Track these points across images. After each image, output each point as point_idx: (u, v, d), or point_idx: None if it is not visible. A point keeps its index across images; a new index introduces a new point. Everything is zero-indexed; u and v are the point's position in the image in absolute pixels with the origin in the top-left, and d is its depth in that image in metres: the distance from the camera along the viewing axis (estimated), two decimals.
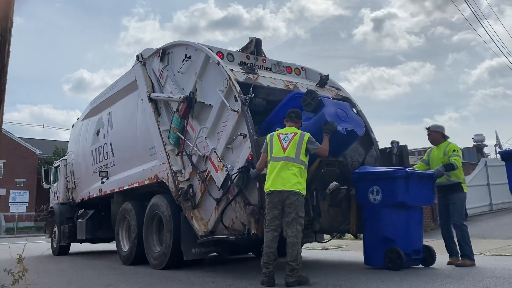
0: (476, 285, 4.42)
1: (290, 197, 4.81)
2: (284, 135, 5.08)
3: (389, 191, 5.54)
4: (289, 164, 4.91)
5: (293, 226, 4.77)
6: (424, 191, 5.81)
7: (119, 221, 8.27)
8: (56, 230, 11.29)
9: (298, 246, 4.75)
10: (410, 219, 5.70)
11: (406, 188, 5.51)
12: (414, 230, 5.76)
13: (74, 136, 11.41)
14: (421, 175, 5.86)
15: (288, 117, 5.27)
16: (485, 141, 28.64)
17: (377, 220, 5.60)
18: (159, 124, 7.16)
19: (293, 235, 4.74)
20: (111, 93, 9.05)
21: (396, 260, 5.43)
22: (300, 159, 4.95)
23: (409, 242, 5.62)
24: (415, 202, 5.70)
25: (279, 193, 4.84)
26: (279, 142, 5.04)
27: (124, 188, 8.19)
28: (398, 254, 5.42)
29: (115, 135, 8.74)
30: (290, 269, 4.69)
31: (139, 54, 8.06)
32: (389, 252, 5.48)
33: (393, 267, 5.41)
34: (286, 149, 4.96)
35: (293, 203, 4.80)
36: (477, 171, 15.85)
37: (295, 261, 4.69)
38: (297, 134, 5.05)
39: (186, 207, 6.34)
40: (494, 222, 13.07)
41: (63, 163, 11.78)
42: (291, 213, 4.80)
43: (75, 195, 10.86)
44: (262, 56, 7.33)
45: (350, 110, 5.88)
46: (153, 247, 7.08)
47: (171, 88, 7.05)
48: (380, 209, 5.57)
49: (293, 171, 4.89)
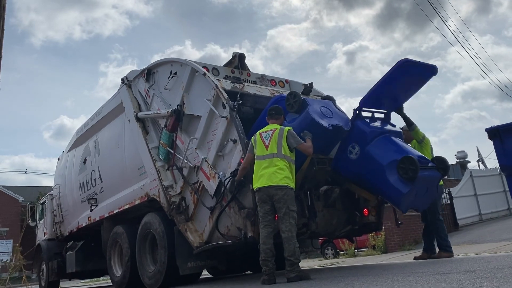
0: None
1: (278, 192, 4.85)
2: (265, 133, 5.17)
3: (355, 139, 5.51)
4: (274, 160, 4.98)
5: (286, 220, 4.78)
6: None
7: (110, 246, 8.07)
8: (44, 268, 10.93)
9: (294, 240, 4.74)
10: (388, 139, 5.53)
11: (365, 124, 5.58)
12: (402, 147, 5.54)
13: (60, 169, 11.26)
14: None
15: (269, 115, 5.37)
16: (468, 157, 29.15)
17: (373, 157, 5.33)
18: (148, 142, 7.16)
19: (287, 229, 4.75)
20: (98, 119, 9.04)
21: (409, 167, 5.02)
22: (283, 153, 5.00)
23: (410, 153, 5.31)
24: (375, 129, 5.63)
25: (266, 189, 4.89)
26: (261, 140, 5.13)
27: (114, 212, 8.05)
28: (411, 160, 5.04)
29: (103, 161, 8.67)
30: (289, 264, 4.66)
31: (124, 77, 8.15)
32: (401, 163, 5.08)
33: (406, 177, 5.00)
34: (268, 146, 5.04)
35: (282, 197, 4.83)
36: (463, 182, 16.08)
37: (293, 255, 4.67)
38: (277, 130, 5.12)
39: (179, 220, 6.26)
40: (485, 230, 13.15)
41: (50, 198, 11.55)
42: (281, 208, 4.83)
43: (63, 229, 10.60)
44: (246, 70, 7.48)
45: (333, 107, 5.95)
46: (147, 267, 6.91)
47: (158, 106, 7.10)
48: (368, 149, 5.36)
49: (278, 166, 4.94)
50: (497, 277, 3.20)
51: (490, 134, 5.51)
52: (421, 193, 5.35)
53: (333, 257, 14.56)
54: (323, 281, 4.58)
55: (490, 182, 17.19)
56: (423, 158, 5.51)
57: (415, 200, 5.39)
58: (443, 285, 3.12)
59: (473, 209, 15.98)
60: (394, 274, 4.19)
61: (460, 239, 11.63)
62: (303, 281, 4.60)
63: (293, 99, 5.60)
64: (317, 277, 4.89)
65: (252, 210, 5.24)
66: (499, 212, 16.94)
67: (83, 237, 10.07)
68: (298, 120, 5.46)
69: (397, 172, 5.09)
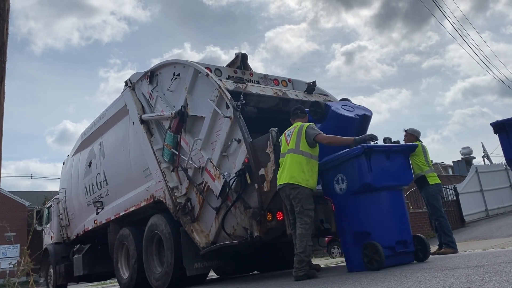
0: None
1: (291, 192, 4.88)
2: (288, 131, 5.21)
3: (351, 174, 4.76)
4: (292, 156, 4.97)
5: (301, 218, 4.82)
6: (394, 168, 4.91)
7: (117, 249, 8.09)
8: (51, 271, 10.96)
9: (306, 237, 4.76)
10: (384, 204, 4.80)
11: (369, 166, 4.65)
12: (394, 218, 4.82)
13: (65, 173, 11.30)
14: (387, 150, 4.96)
15: (294, 114, 5.42)
16: (473, 153, 29.04)
17: (347, 214, 4.82)
18: (152, 143, 7.17)
19: (301, 226, 4.79)
20: (102, 122, 9.07)
21: (373, 257, 4.49)
22: (301, 149, 4.95)
23: (389, 233, 4.68)
24: (384, 182, 4.77)
25: (281, 188, 4.95)
26: (285, 139, 5.16)
27: (121, 214, 8.07)
28: (375, 249, 4.47)
29: (108, 163, 8.69)
30: (298, 260, 4.70)
31: (127, 80, 8.17)
32: (366, 249, 4.56)
33: (371, 267, 4.50)
34: (289, 143, 5.06)
35: (296, 196, 4.85)
36: (469, 178, 16.03)
37: (303, 252, 4.70)
38: (297, 126, 5.13)
39: (185, 222, 6.27)
40: (492, 225, 13.10)
41: (56, 202, 11.59)
42: (296, 206, 4.88)
43: (70, 232, 10.63)
44: (249, 70, 7.48)
45: (352, 103, 6.29)
46: (154, 269, 6.93)
47: (161, 107, 7.11)
48: (347, 199, 4.76)
49: (294, 163, 4.93)
50: (506, 271, 3.18)
51: (496, 128, 5.43)
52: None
53: (340, 256, 14.51)
54: (330, 279, 4.56)
55: (496, 177, 17.13)
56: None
57: None
58: (452, 280, 3.10)
59: (479, 205, 15.93)
60: (402, 270, 4.17)
61: (467, 235, 11.58)
62: (316, 279, 4.60)
63: (315, 106, 5.69)
64: (324, 276, 4.88)
65: (257, 209, 5.24)
66: (505, 207, 16.87)
67: (89, 240, 10.09)
68: (327, 120, 5.57)
69: None
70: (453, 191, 15.21)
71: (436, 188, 6.72)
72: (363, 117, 5.73)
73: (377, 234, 4.59)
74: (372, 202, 4.73)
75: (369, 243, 4.53)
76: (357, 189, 4.72)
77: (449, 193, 15.15)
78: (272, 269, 8.17)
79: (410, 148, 5.32)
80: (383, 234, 4.63)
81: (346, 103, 6.11)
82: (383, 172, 4.76)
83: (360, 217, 4.70)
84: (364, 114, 5.79)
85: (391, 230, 4.72)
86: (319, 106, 5.68)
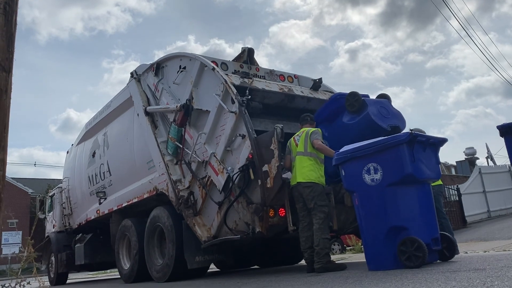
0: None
1: (305, 190, 5.19)
2: (297, 136, 5.56)
3: (391, 164, 4.40)
4: (301, 158, 5.34)
5: (316, 214, 5.14)
6: (428, 161, 4.65)
7: (118, 239, 8.14)
8: (53, 259, 11.03)
9: (321, 231, 5.03)
10: (422, 198, 4.54)
11: (412, 156, 4.36)
12: (429, 213, 4.57)
13: (69, 162, 11.33)
14: (424, 141, 4.62)
15: (303, 120, 5.75)
16: (476, 154, 28.95)
17: (379, 207, 4.44)
18: (156, 136, 7.18)
19: (317, 222, 5.10)
20: (107, 113, 9.08)
21: (415, 253, 4.18)
22: (309, 151, 5.33)
23: (425, 229, 4.41)
24: (424, 175, 4.52)
25: (295, 187, 5.26)
26: (294, 142, 5.52)
27: (123, 205, 8.10)
28: (418, 245, 4.17)
29: (112, 154, 8.71)
30: (315, 253, 4.98)
31: (133, 71, 8.16)
32: (403, 245, 4.25)
33: (413, 264, 4.18)
34: (298, 145, 5.43)
35: (309, 194, 5.16)
36: (472, 178, 15.99)
37: (318, 245, 4.99)
38: (305, 131, 5.49)
39: (187, 215, 6.29)
40: (494, 227, 13.07)
41: (59, 190, 11.64)
42: (310, 203, 5.17)
43: (72, 221, 10.69)
44: (255, 65, 7.45)
45: (390, 107, 5.85)
46: (155, 261, 6.96)
47: (167, 100, 7.11)
48: (382, 191, 4.40)
49: (305, 164, 5.27)
50: (508, 276, 3.17)
51: (502, 131, 5.35)
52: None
53: (340, 253, 14.54)
54: (331, 277, 4.57)
55: (499, 179, 17.09)
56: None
57: None
58: (453, 283, 3.10)
59: (481, 206, 15.90)
60: (403, 271, 4.16)
61: (469, 236, 11.57)
62: (318, 276, 4.65)
63: (353, 98, 5.61)
64: (325, 273, 4.88)
65: (260, 205, 5.25)
66: (508, 209, 16.84)
67: (91, 229, 10.15)
68: (358, 120, 5.52)
69: None
70: (456, 191, 15.18)
71: (437, 189, 6.62)
72: (395, 129, 5.36)
73: (415, 230, 4.32)
74: (411, 195, 4.46)
75: (409, 238, 4.24)
76: (396, 180, 4.38)
77: (452, 193, 15.13)
78: (272, 264, 8.22)
79: (442, 142, 5.02)
80: (420, 229, 4.35)
81: (384, 105, 5.72)
82: (421, 163, 4.50)
83: (398, 211, 4.38)
84: (397, 126, 5.46)
85: (427, 226, 4.48)
86: (357, 100, 5.53)
